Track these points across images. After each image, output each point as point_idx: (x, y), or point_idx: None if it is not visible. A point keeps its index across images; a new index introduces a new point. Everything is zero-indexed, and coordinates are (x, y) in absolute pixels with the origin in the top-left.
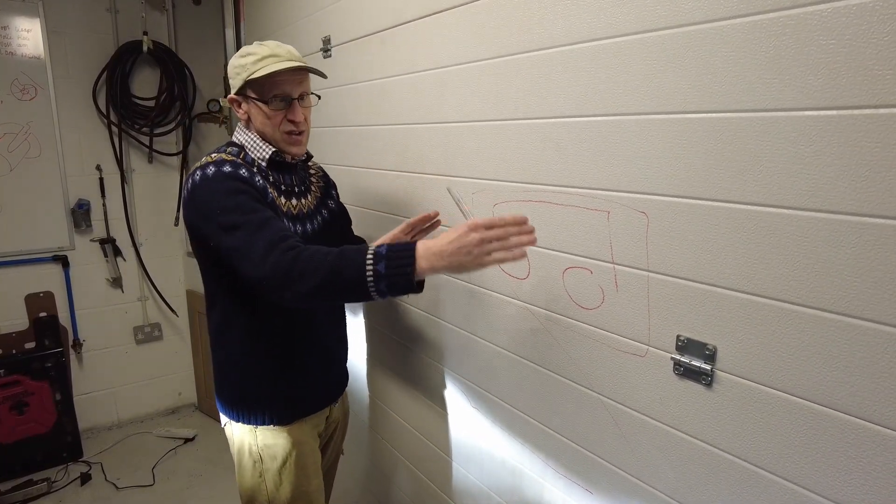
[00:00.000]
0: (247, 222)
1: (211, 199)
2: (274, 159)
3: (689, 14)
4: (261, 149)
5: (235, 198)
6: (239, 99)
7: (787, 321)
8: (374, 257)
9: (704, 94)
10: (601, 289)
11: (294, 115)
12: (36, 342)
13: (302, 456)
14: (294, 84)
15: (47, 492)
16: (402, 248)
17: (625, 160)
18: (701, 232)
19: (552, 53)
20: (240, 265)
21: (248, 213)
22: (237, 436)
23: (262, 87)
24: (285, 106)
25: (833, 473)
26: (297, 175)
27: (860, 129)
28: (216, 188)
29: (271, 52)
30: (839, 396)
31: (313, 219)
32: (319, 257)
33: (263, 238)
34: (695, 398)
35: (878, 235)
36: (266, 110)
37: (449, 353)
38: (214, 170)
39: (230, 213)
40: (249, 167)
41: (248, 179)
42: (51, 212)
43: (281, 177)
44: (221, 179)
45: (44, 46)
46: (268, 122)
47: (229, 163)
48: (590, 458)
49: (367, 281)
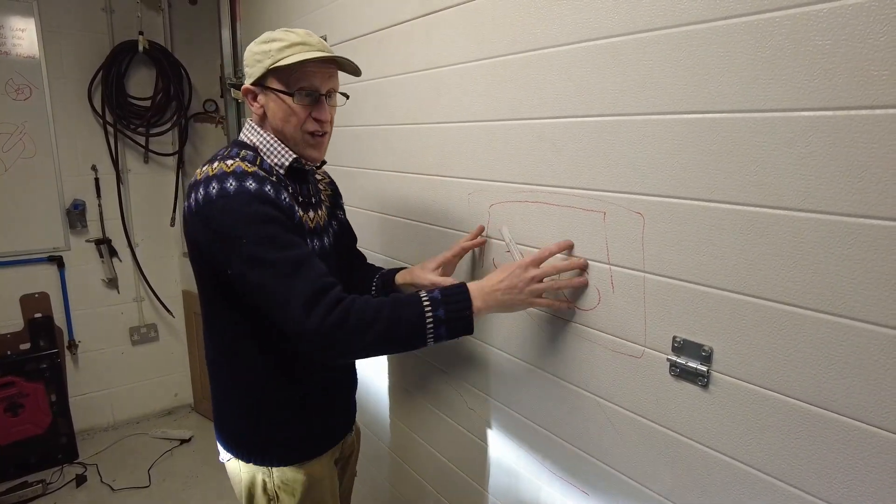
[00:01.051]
0: (281, 261)
1: (235, 224)
2: (293, 166)
3: (685, 14)
4: (279, 154)
5: (265, 227)
6: (255, 90)
7: (783, 322)
8: (432, 303)
9: (700, 95)
10: (598, 290)
11: (321, 114)
12: (31, 343)
13: (321, 490)
14: (324, 78)
15: (42, 494)
16: (457, 292)
17: (621, 161)
18: (697, 233)
19: (548, 54)
20: (270, 310)
21: (283, 248)
22: (246, 473)
23: (287, 78)
24: (312, 102)
25: (828, 475)
26: (312, 184)
27: (856, 130)
28: (241, 211)
29: (301, 39)
30: (834, 398)
31: (328, 231)
32: (372, 311)
33: (304, 285)
34: (691, 399)
35: (873, 236)
36: (290, 104)
37: (443, 353)
38: (236, 185)
39: (260, 245)
40: (269, 178)
41: (276, 201)
42: (46, 212)
43: (298, 187)
44: (247, 201)
45: (39, 46)
46: (290, 118)
47: (251, 175)
48: (586, 460)
49: (427, 327)
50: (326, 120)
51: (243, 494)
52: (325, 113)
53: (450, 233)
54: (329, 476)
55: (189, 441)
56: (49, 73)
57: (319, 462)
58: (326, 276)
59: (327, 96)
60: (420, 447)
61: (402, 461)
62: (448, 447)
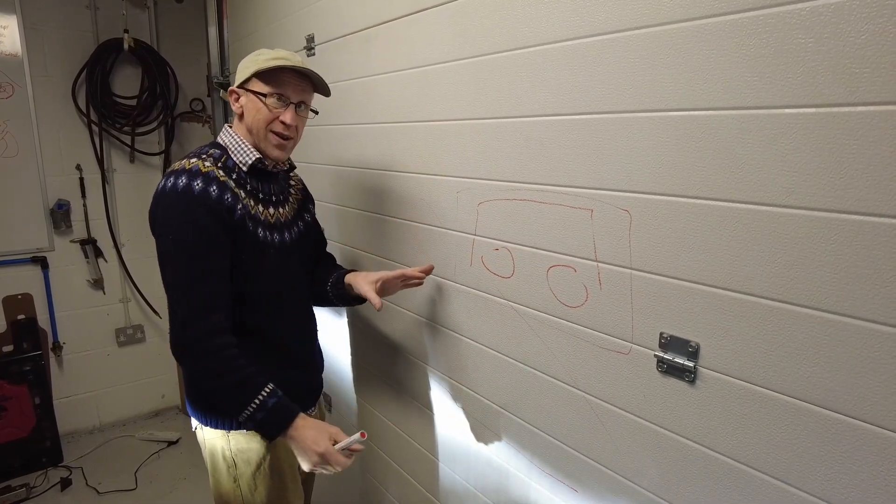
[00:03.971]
0: (185, 269)
1: (169, 221)
2: (256, 166)
3: (670, 12)
4: (244, 153)
5: (189, 234)
6: (239, 92)
7: (769, 318)
8: (260, 405)
9: (685, 92)
10: (585, 287)
11: (288, 118)
12: (14, 345)
13: (277, 460)
14: (297, 90)
15: (26, 498)
16: (287, 413)
17: (608, 158)
18: (683, 229)
19: (535, 52)
20: (168, 301)
21: (193, 258)
22: (209, 440)
23: (267, 83)
24: (283, 106)
25: (815, 469)
26: (277, 184)
27: (838, 127)
28: (177, 208)
29: (286, 56)
30: (820, 392)
31: (291, 228)
32: (221, 370)
33: (192, 302)
34: (678, 395)
35: (856, 232)
36: (264, 104)
37: (433, 352)
38: (185, 184)
39: (178, 245)
40: (228, 174)
41: (213, 205)
42: (29, 212)
43: (260, 185)
44: (186, 201)
45: (21, 43)
46: (260, 117)
47: (202, 176)
48: (574, 456)
49: (242, 413)
50: (292, 125)
51: (208, 462)
52: (292, 118)
53: (438, 231)
54: (286, 449)
55: (177, 443)
56: (32, 71)
57: None
58: (219, 297)
59: (298, 106)
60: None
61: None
62: (435, 445)
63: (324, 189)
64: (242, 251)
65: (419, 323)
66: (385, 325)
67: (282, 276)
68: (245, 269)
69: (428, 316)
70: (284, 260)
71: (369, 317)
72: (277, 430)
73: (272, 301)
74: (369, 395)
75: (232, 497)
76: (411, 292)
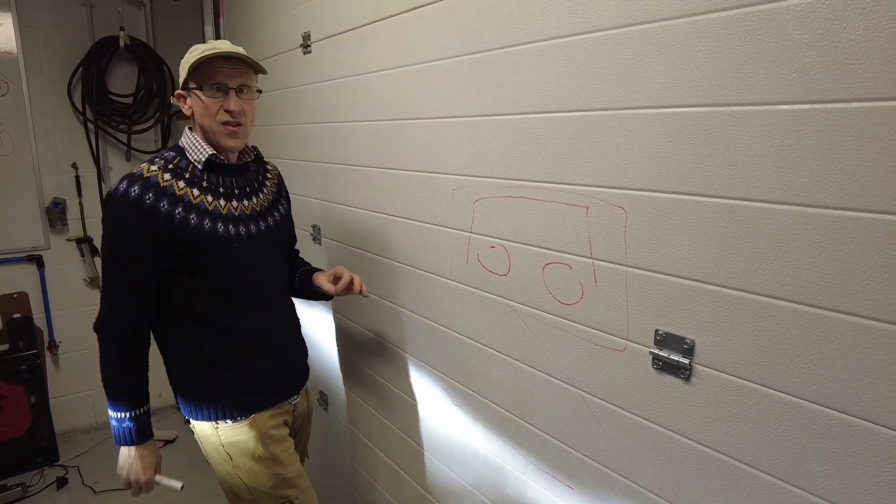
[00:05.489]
0: (110, 271)
1: (105, 221)
2: (213, 161)
3: (665, 9)
4: (198, 150)
5: (116, 238)
6: (185, 94)
7: (764, 314)
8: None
9: (680, 89)
10: (580, 284)
11: (230, 105)
12: (10, 344)
13: (270, 446)
14: (231, 75)
15: (22, 497)
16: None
17: (603, 155)
18: (678, 226)
19: (531, 49)
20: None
21: (116, 264)
22: (201, 433)
23: (200, 77)
24: (222, 95)
25: (810, 466)
26: (244, 177)
27: (833, 123)
28: (111, 213)
29: (211, 46)
30: (815, 389)
31: (262, 220)
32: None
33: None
34: (673, 392)
35: (850, 228)
36: (204, 99)
37: (429, 350)
38: (123, 189)
39: (105, 247)
40: (179, 175)
41: (145, 212)
42: (25, 210)
43: (220, 179)
44: (119, 207)
45: (16, 41)
46: (206, 112)
47: (141, 182)
48: (570, 454)
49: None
50: (236, 110)
51: (206, 454)
52: (234, 104)
53: (434, 228)
54: (277, 435)
55: (173, 441)
56: (27, 68)
57: (261, 420)
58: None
59: (238, 91)
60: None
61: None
62: (431, 442)
63: (319, 186)
64: (194, 249)
65: (415, 321)
66: (382, 324)
67: (249, 267)
68: (201, 265)
69: (424, 314)
70: (251, 251)
71: (365, 315)
72: (118, 441)
73: (238, 292)
74: (360, 391)
75: (237, 486)
76: (411, 292)
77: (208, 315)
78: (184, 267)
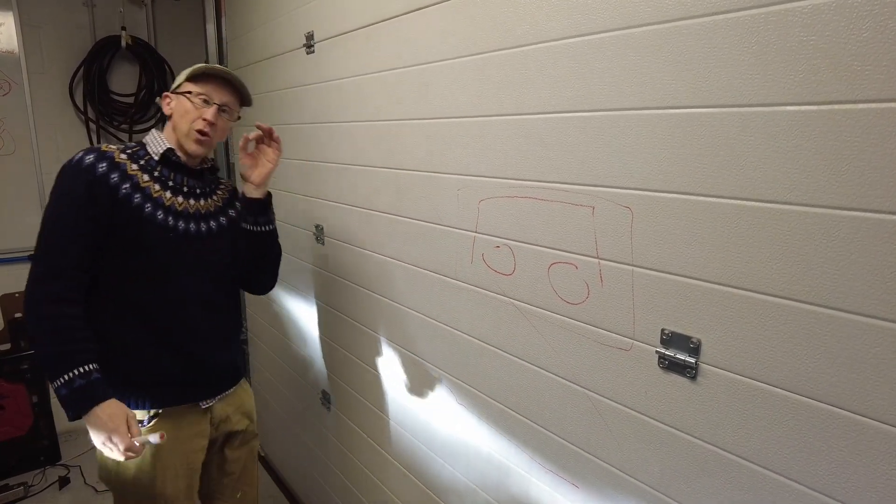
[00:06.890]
0: (49, 231)
1: (55, 183)
2: (169, 157)
3: (671, 10)
4: (158, 144)
5: (63, 197)
6: (171, 96)
7: (770, 313)
8: (67, 382)
9: (687, 90)
10: (586, 284)
11: (208, 115)
12: (11, 344)
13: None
14: (220, 93)
15: (24, 496)
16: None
17: (609, 155)
18: (684, 226)
19: (535, 50)
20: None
21: (58, 223)
22: None
23: (195, 83)
24: (206, 106)
25: (816, 464)
26: (197, 179)
27: (839, 124)
28: (63, 175)
29: (212, 65)
30: (821, 388)
31: (208, 220)
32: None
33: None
34: (679, 391)
35: (857, 228)
36: (189, 101)
37: (434, 350)
38: (79, 157)
39: (50, 206)
40: (134, 160)
41: (95, 178)
42: (26, 209)
43: (173, 174)
44: (72, 170)
45: (18, 41)
46: (185, 115)
47: (97, 153)
48: (576, 453)
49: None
50: (212, 122)
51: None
52: (213, 116)
53: (439, 228)
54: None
55: None
56: (29, 68)
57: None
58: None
59: (221, 108)
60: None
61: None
62: (436, 442)
63: (322, 186)
64: (130, 228)
65: (419, 321)
66: (386, 324)
67: (179, 261)
68: (133, 245)
69: (429, 313)
70: (186, 247)
71: (369, 315)
72: (75, 411)
73: (162, 281)
74: (363, 391)
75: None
76: (416, 291)
77: (129, 299)
78: (116, 246)
